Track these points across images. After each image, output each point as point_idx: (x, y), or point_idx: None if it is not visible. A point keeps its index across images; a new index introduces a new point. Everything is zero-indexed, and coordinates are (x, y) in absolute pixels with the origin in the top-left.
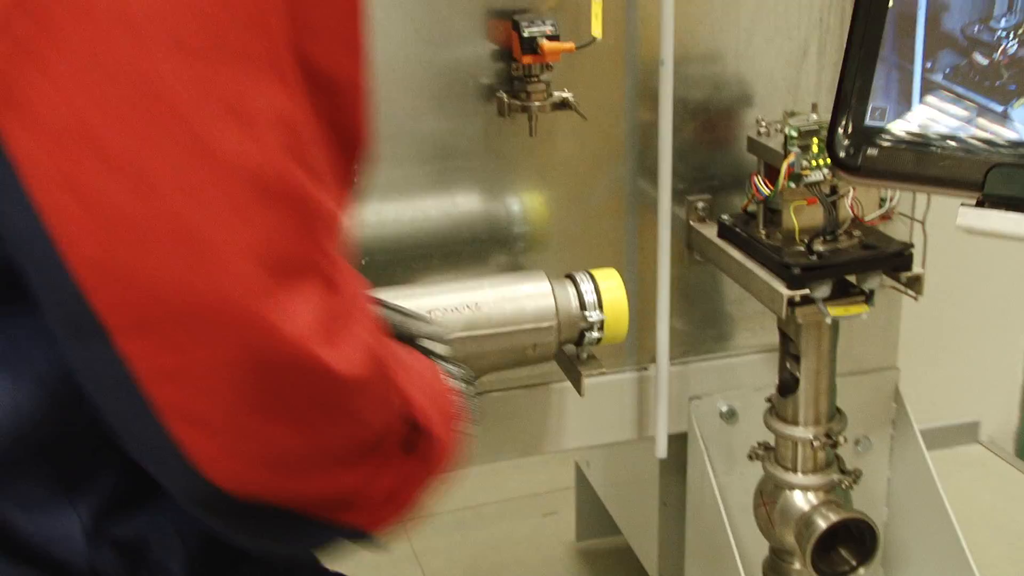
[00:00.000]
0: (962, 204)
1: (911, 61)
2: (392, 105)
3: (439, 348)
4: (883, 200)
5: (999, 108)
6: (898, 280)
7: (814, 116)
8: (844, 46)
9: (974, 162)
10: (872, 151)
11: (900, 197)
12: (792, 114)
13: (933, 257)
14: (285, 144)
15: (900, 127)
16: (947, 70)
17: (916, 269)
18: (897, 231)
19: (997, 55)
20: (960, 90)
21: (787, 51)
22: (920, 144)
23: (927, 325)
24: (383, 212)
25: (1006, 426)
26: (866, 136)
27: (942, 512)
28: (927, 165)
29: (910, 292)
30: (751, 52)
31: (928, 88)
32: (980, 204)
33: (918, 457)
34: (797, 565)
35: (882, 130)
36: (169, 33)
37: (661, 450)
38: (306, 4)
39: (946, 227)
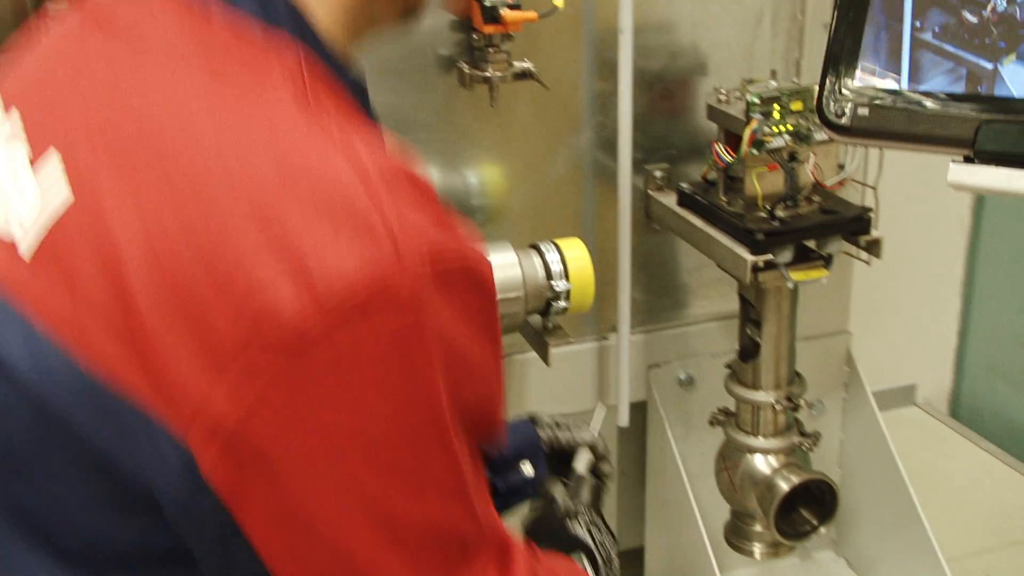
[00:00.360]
0: (952, 161)
1: (900, 20)
2: None
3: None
4: (842, 166)
5: (989, 65)
6: (857, 244)
7: (774, 83)
8: (797, 14)
9: (965, 119)
10: (863, 111)
11: (857, 163)
12: (751, 81)
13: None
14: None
15: (890, 86)
16: (936, 28)
17: (874, 233)
18: (847, 197)
19: (986, 12)
20: (950, 48)
21: (742, 19)
22: (910, 103)
23: (867, 292)
24: None
25: (940, 389)
26: (856, 95)
27: (894, 471)
28: (918, 123)
29: (862, 257)
30: (707, 21)
31: (918, 47)
32: (970, 160)
33: (871, 419)
34: (758, 527)
35: (872, 89)
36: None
37: (623, 418)
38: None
39: (883, 194)
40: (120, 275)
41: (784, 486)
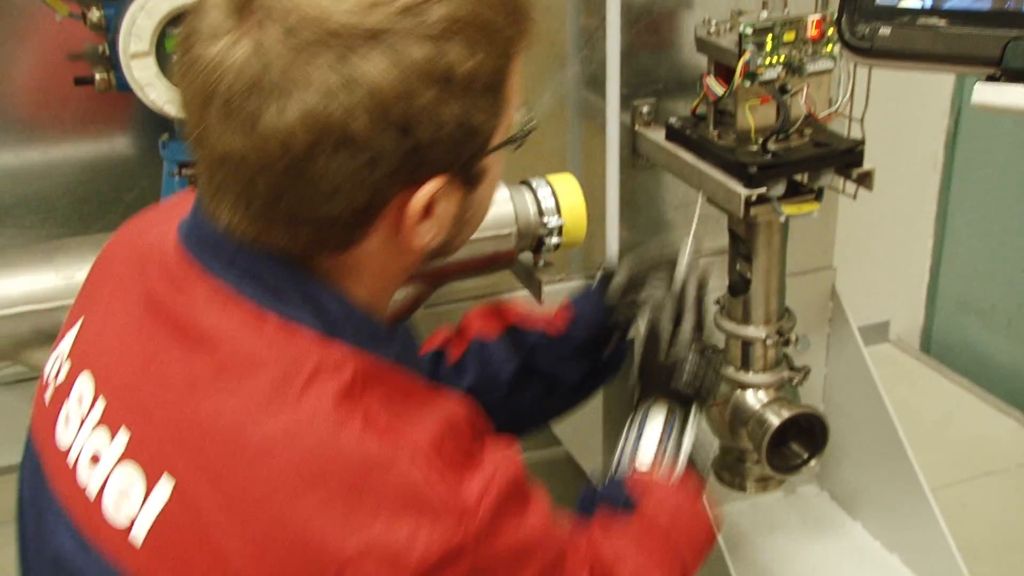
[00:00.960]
0: (978, 80)
1: None
2: None
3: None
4: (832, 99)
5: None
6: (848, 177)
7: (765, 13)
8: None
9: (991, 37)
10: (885, 31)
11: (850, 95)
12: (741, 13)
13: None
14: None
15: (913, 4)
16: None
17: (866, 166)
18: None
19: None
20: None
21: None
22: (933, 22)
23: (843, 229)
24: None
25: (913, 325)
26: (878, 15)
27: (879, 405)
28: (943, 43)
29: (848, 191)
30: None
31: None
32: (996, 79)
33: (855, 353)
34: (749, 462)
35: (894, 8)
36: None
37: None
38: None
39: (875, 125)
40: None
41: (775, 420)
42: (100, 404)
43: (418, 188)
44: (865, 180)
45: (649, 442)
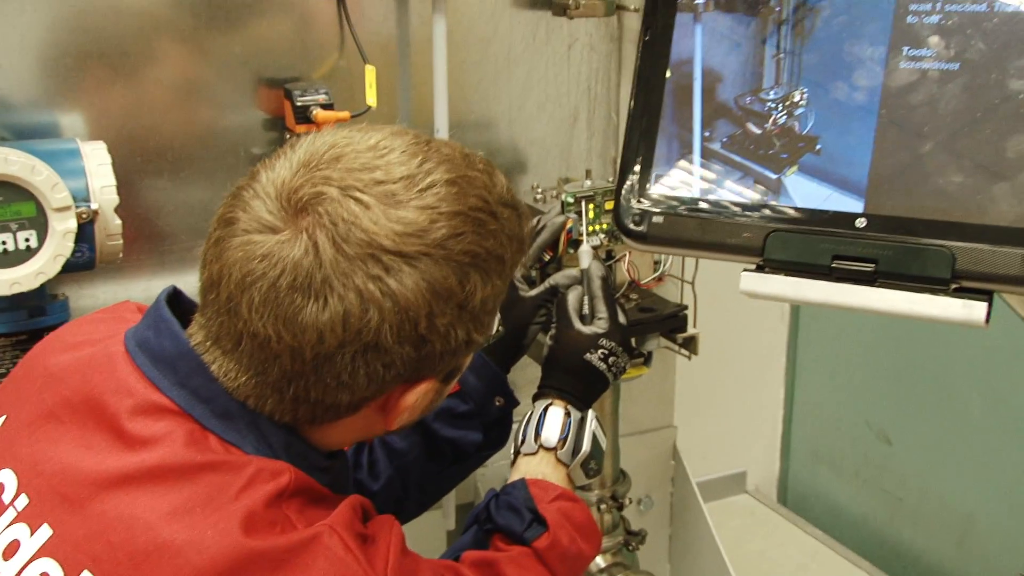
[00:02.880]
0: (744, 269)
1: (690, 130)
2: (159, 178)
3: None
4: (657, 264)
5: (773, 176)
6: (674, 341)
7: (588, 182)
8: (611, 114)
9: (754, 228)
10: (657, 219)
11: (672, 260)
12: (567, 180)
13: (700, 316)
14: None
15: (683, 194)
16: (724, 139)
17: (691, 330)
18: (667, 293)
19: (768, 125)
20: (737, 158)
21: (558, 118)
22: (702, 211)
23: (695, 382)
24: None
25: (769, 475)
26: (651, 204)
27: (721, 566)
28: (710, 232)
29: (684, 352)
30: (523, 119)
31: (707, 156)
32: (761, 269)
33: (697, 513)
34: None
35: (666, 198)
36: None
37: (450, 521)
38: None
39: (707, 287)
40: None
41: None
42: (22, 500)
43: (413, 387)
44: (690, 344)
45: (552, 425)
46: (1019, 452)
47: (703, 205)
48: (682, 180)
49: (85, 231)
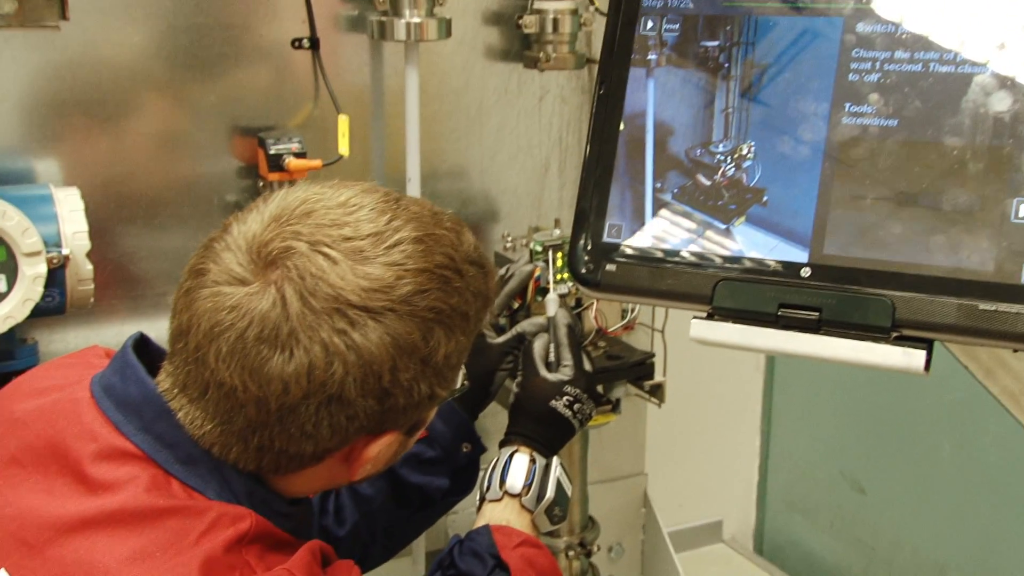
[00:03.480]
0: (694, 317)
1: (642, 182)
2: (133, 224)
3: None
4: (625, 312)
5: (722, 226)
6: (642, 388)
7: (557, 231)
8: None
9: (703, 276)
10: (610, 267)
11: (640, 308)
12: (536, 229)
13: (673, 364)
14: None
15: (635, 243)
16: (675, 190)
17: (658, 377)
18: (640, 341)
19: (718, 176)
20: (687, 209)
21: (529, 168)
22: (654, 260)
23: (671, 430)
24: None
25: (746, 524)
26: (604, 252)
27: None
28: (661, 280)
29: (653, 400)
30: (495, 169)
31: (659, 206)
32: (710, 316)
33: (667, 561)
34: None
35: (619, 247)
36: None
37: (420, 568)
38: None
39: (683, 336)
40: None
41: None
42: None
43: (377, 439)
44: (657, 392)
45: (517, 472)
46: (989, 502)
47: (655, 254)
48: (634, 230)
49: (56, 276)
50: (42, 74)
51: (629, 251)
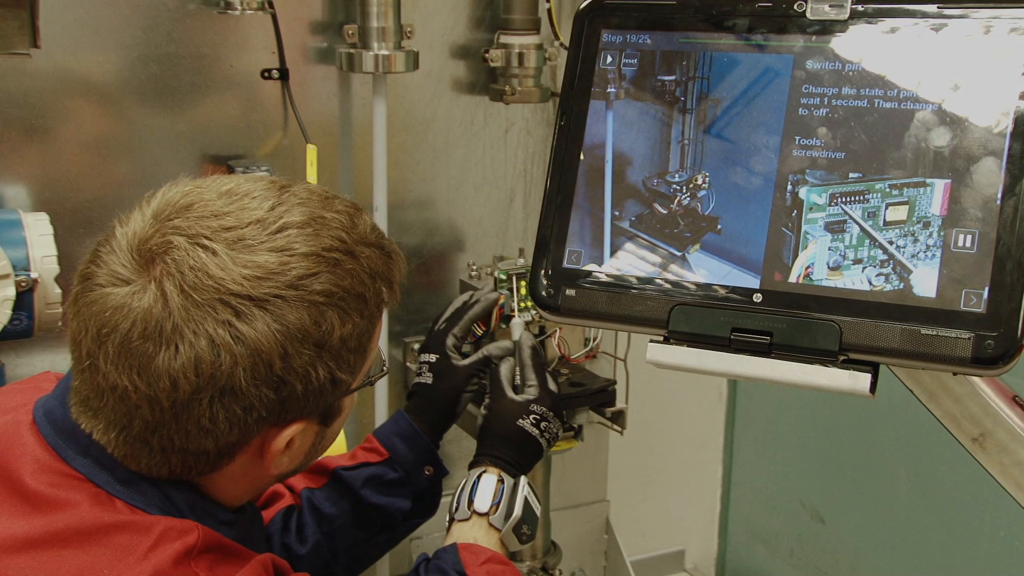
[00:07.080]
0: (651, 340)
1: (602, 209)
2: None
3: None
4: (588, 340)
5: (678, 253)
6: (603, 415)
7: (521, 260)
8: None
9: (659, 301)
10: (570, 292)
11: (603, 336)
12: (501, 258)
13: (636, 392)
14: None
15: (594, 269)
16: (633, 218)
17: (619, 404)
18: (603, 369)
19: (674, 205)
20: (645, 236)
21: (495, 199)
22: (612, 285)
23: (634, 459)
24: None
25: (708, 554)
26: (564, 278)
27: None
28: (619, 305)
29: (615, 427)
30: (460, 199)
31: (617, 234)
32: (666, 340)
33: None
34: None
35: (578, 272)
36: None
37: None
38: None
39: (646, 365)
40: None
41: None
42: None
43: (283, 429)
44: (618, 419)
45: (485, 491)
46: (944, 531)
47: (613, 280)
48: (594, 256)
49: (24, 299)
50: (12, 100)
51: (588, 277)
